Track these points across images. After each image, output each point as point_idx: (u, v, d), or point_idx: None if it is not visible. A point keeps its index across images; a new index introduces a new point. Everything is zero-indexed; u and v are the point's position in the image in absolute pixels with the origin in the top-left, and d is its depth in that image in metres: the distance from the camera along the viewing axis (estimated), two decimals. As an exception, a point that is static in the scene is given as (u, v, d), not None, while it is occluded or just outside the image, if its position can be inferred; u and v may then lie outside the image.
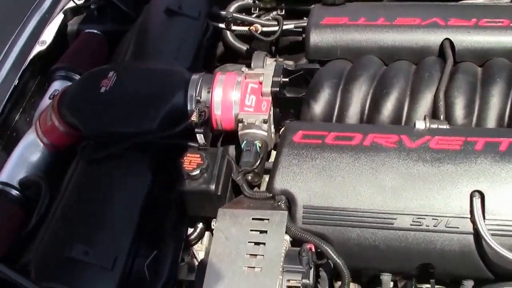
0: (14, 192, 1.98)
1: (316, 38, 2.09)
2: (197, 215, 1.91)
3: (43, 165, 2.10)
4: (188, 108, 1.95)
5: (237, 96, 1.97)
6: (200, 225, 1.95)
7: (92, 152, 1.89)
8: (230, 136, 2.13)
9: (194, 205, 1.84)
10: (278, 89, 1.98)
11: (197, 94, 1.96)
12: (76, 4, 2.68)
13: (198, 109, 1.90)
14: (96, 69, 2.14)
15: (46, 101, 2.25)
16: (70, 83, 2.29)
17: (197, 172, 1.78)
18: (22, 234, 1.85)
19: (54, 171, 2.09)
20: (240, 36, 2.60)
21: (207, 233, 1.98)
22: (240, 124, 1.95)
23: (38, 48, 2.50)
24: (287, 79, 2.02)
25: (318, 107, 1.93)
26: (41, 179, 1.98)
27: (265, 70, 2.02)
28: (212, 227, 1.70)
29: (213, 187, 1.77)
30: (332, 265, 1.63)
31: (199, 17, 2.36)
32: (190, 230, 1.95)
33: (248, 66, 2.08)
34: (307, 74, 2.05)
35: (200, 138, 1.92)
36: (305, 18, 2.47)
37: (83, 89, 2.04)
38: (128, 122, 1.92)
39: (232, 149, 2.17)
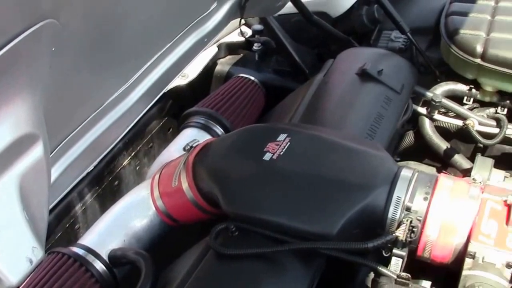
0: (99, 266, 1.39)
1: None
2: None
3: (149, 239, 1.49)
4: (389, 215, 1.27)
5: (470, 216, 1.27)
6: None
7: (230, 244, 1.26)
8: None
9: None
10: (540, 221, 1.28)
11: (408, 199, 1.27)
12: (244, 38, 2.09)
13: (410, 221, 1.23)
14: (260, 126, 1.50)
15: (171, 152, 1.67)
16: (208, 136, 1.68)
17: (396, 323, 1.10)
18: None
19: (162, 249, 1.52)
20: (437, 129, 1.94)
21: None
22: (468, 260, 1.24)
23: (177, 81, 1.92)
24: (555, 209, 1.33)
25: None
26: (142, 259, 1.35)
27: (517, 187, 1.33)
28: None
29: None
30: None
31: (401, 91, 1.71)
32: None
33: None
34: None
35: (397, 263, 1.26)
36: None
37: (239, 149, 1.40)
38: (296, 213, 1.26)
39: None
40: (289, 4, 1.98)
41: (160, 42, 1.50)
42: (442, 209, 1.28)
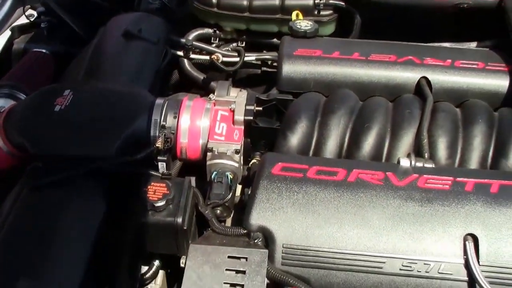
0: None
1: (289, 69, 1.98)
2: (155, 252, 1.72)
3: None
4: (151, 133, 1.79)
5: (206, 124, 1.83)
6: (156, 263, 1.75)
7: (39, 177, 1.68)
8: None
9: (155, 240, 1.64)
10: (252, 117, 1.85)
11: (162, 119, 1.80)
12: (30, 20, 2.50)
13: (164, 134, 1.75)
14: (50, 86, 1.96)
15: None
16: (14, 102, 2.11)
17: (162, 203, 1.60)
18: None
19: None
20: (196, 65, 2.48)
21: (161, 272, 1.78)
22: (209, 154, 1.80)
23: (-22, 64, 2.31)
24: (260, 108, 1.90)
25: (295, 139, 1.81)
26: None
27: (237, 98, 1.89)
28: (182, 264, 1.55)
29: (180, 220, 1.58)
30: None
31: (158, 42, 2.23)
32: (144, 268, 1.75)
33: (205, 95, 1.99)
34: (280, 105, 1.93)
35: (162, 166, 1.78)
36: (264, 52, 2.44)
37: (35, 106, 1.85)
38: (83, 145, 1.74)
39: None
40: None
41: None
42: (187, 122, 1.82)
